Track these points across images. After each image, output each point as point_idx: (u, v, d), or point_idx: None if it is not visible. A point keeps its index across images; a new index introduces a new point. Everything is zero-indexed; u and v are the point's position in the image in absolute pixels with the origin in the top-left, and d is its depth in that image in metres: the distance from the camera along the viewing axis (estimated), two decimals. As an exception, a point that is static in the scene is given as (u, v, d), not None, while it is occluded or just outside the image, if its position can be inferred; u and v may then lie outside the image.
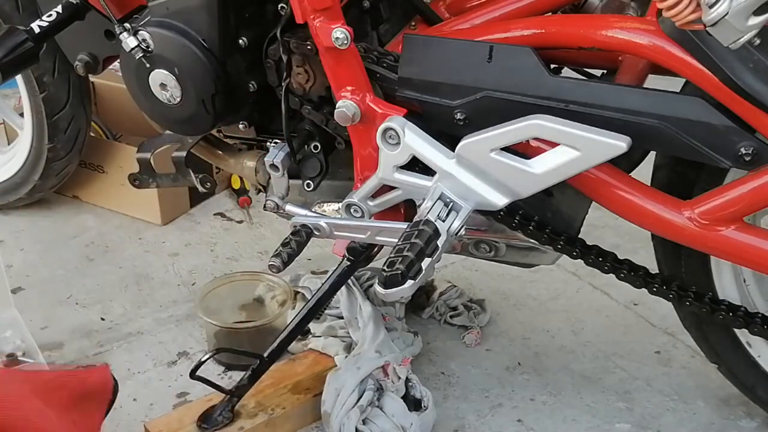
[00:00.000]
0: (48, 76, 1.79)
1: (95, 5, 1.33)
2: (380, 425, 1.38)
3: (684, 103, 1.03)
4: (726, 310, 1.22)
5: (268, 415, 1.40)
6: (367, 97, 1.13)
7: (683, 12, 0.90)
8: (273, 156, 1.20)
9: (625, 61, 1.20)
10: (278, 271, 1.21)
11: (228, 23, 1.18)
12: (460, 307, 1.72)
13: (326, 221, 1.21)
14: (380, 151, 1.13)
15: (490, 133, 1.07)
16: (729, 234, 1.09)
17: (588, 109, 1.05)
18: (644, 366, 1.60)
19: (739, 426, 1.46)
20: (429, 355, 1.63)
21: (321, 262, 1.85)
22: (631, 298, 1.76)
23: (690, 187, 1.18)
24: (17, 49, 1.32)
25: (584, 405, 1.51)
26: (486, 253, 1.33)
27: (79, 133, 1.92)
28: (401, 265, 1.01)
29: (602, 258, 1.22)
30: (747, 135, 1.01)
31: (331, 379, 1.43)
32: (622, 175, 1.13)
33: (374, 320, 1.54)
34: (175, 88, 1.22)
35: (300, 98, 1.19)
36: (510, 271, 1.75)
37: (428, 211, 1.11)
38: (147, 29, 1.20)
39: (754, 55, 0.96)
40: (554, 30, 1.14)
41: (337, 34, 1.05)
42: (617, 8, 1.23)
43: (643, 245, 1.48)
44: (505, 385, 1.56)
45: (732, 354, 1.35)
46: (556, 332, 1.70)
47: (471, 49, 1.11)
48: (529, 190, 1.09)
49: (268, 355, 1.36)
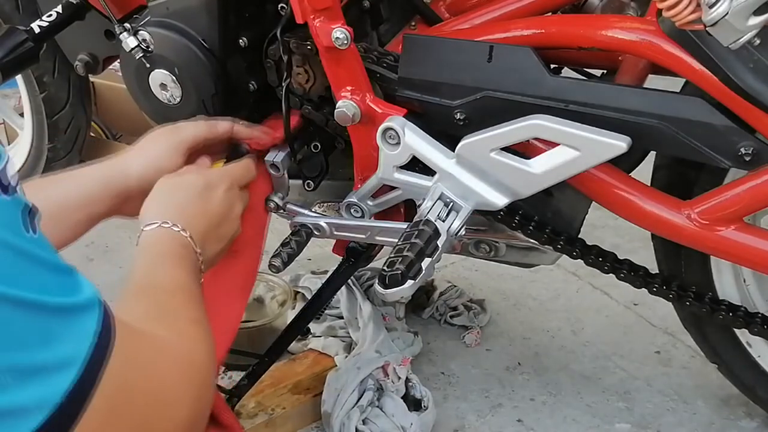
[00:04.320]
0: (48, 76, 1.79)
1: (95, 5, 1.33)
2: (380, 425, 1.38)
3: (684, 103, 1.03)
4: (726, 310, 1.22)
5: (268, 415, 1.40)
6: (367, 97, 1.13)
7: (683, 12, 0.90)
8: (273, 156, 1.19)
9: (625, 61, 1.20)
10: (278, 271, 1.21)
11: (228, 23, 1.18)
12: (460, 307, 1.72)
13: (326, 221, 1.21)
14: (380, 151, 1.13)
15: (490, 133, 1.07)
16: (729, 234, 1.09)
17: (588, 109, 1.05)
18: (644, 366, 1.60)
19: (739, 426, 1.46)
20: (429, 355, 1.63)
21: (321, 262, 1.85)
22: (631, 298, 1.76)
23: (690, 187, 1.17)
24: (17, 49, 1.32)
25: (584, 405, 1.51)
26: (486, 253, 1.33)
27: (79, 133, 1.91)
28: (401, 265, 1.01)
29: (602, 258, 1.22)
30: (747, 135, 1.01)
31: (331, 379, 1.44)
32: (622, 175, 1.13)
33: (374, 320, 1.54)
34: (175, 88, 1.22)
35: (300, 98, 1.19)
36: (510, 271, 1.75)
37: (428, 211, 1.11)
38: (147, 29, 1.20)
39: (754, 55, 0.96)
40: (554, 30, 1.14)
41: (337, 34, 1.05)
42: (617, 8, 1.23)
43: (643, 245, 1.48)
44: (505, 385, 1.56)
45: (732, 354, 1.35)
46: (556, 332, 1.70)
47: (471, 49, 1.11)
48: (529, 190, 1.09)
49: (268, 355, 1.36)
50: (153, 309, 0.74)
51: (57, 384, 0.52)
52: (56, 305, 0.53)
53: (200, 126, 1.07)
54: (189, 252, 0.89)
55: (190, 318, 0.76)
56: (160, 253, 0.86)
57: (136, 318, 0.66)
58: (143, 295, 0.77)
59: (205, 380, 0.70)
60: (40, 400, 0.51)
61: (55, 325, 0.53)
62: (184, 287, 0.81)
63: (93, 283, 0.58)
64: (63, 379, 0.53)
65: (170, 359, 0.66)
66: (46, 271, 0.54)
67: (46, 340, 0.52)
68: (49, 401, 0.52)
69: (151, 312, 0.73)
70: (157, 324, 0.70)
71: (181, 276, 0.83)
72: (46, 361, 0.52)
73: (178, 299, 0.78)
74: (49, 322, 0.53)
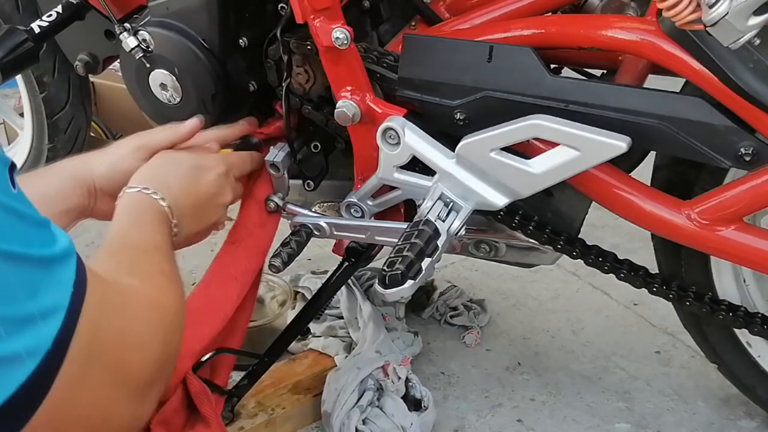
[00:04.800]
0: (48, 76, 1.79)
1: (95, 5, 1.33)
2: (380, 425, 1.38)
3: (684, 103, 1.03)
4: (726, 310, 1.22)
5: (268, 415, 1.40)
6: (367, 97, 1.13)
7: (683, 12, 0.90)
8: (273, 156, 1.19)
9: (625, 61, 1.20)
10: (278, 271, 1.21)
11: (228, 23, 1.18)
12: (460, 307, 1.72)
13: (326, 221, 1.21)
14: (380, 151, 1.13)
15: (490, 133, 1.07)
16: (729, 234, 1.09)
17: (588, 109, 1.05)
18: (644, 366, 1.60)
19: (739, 426, 1.46)
20: (429, 355, 1.63)
21: (321, 262, 1.85)
22: (631, 298, 1.76)
23: (690, 187, 1.17)
24: (17, 49, 1.32)
25: (584, 405, 1.51)
26: (486, 253, 1.33)
27: (79, 133, 1.91)
28: (401, 265, 1.01)
29: (602, 258, 1.22)
30: (747, 135, 1.01)
31: (331, 379, 1.44)
32: (622, 175, 1.13)
33: (374, 320, 1.54)
34: (175, 88, 1.22)
35: (300, 98, 1.19)
36: (510, 271, 1.75)
37: (428, 211, 1.11)
38: (147, 29, 1.20)
39: (754, 55, 0.96)
40: (554, 30, 1.14)
41: (337, 34, 1.05)
42: (617, 8, 1.23)
43: (643, 245, 1.48)
44: (505, 385, 1.56)
45: (732, 354, 1.35)
46: (556, 332, 1.70)
47: (471, 49, 1.11)
48: (529, 190, 1.09)
49: (268, 355, 1.36)
50: (126, 262, 0.79)
51: (46, 331, 0.55)
52: (39, 257, 0.56)
53: (166, 133, 1.09)
54: (165, 220, 0.93)
55: (161, 271, 0.80)
56: (138, 215, 0.91)
57: (109, 270, 0.70)
58: (117, 252, 0.81)
59: (173, 324, 0.75)
60: (32, 347, 0.54)
61: (40, 276, 0.56)
62: (157, 246, 0.86)
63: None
64: (51, 327, 0.56)
65: (139, 304, 0.70)
66: (29, 225, 0.56)
67: (33, 291, 0.55)
68: (41, 348, 0.55)
69: (123, 265, 0.78)
70: (129, 275, 0.74)
71: (155, 238, 0.87)
72: (34, 310, 0.55)
73: (151, 256, 0.83)
74: (35, 273, 0.55)
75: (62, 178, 1.01)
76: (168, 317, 0.74)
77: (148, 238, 0.87)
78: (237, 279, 1.14)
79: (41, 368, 0.55)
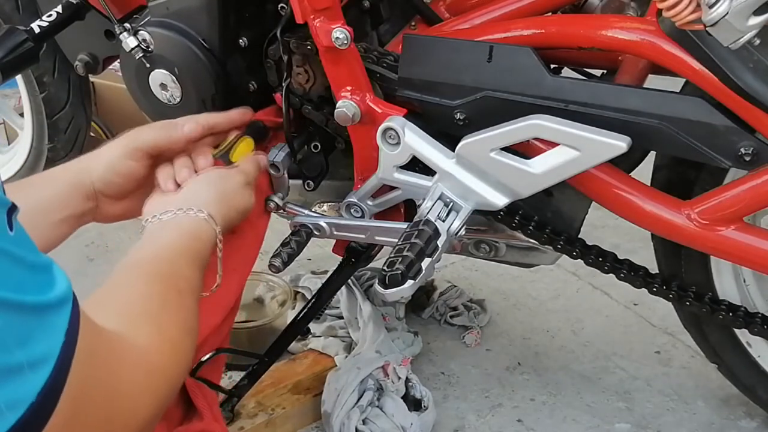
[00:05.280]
0: (48, 76, 1.79)
1: (95, 5, 1.33)
2: (380, 425, 1.38)
3: (684, 103, 1.03)
4: (726, 310, 1.22)
5: (268, 415, 1.40)
6: (367, 97, 1.13)
7: (683, 12, 0.90)
8: (273, 156, 1.19)
9: (625, 61, 1.20)
10: (278, 271, 1.21)
11: (228, 23, 1.18)
12: (460, 307, 1.72)
13: (326, 221, 1.21)
14: (380, 151, 1.13)
15: (490, 133, 1.07)
16: (729, 234, 1.09)
17: (588, 109, 1.05)
18: (644, 366, 1.60)
19: (739, 426, 1.46)
20: (429, 355, 1.63)
21: (321, 262, 1.85)
22: (631, 298, 1.76)
23: (690, 187, 1.18)
24: (17, 49, 1.32)
25: (584, 405, 1.51)
26: (486, 253, 1.33)
27: (79, 133, 1.91)
28: (401, 265, 1.01)
29: (602, 258, 1.22)
30: (747, 135, 1.01)
31: (331, 379, 1.44)
32: (622, 175, 1.13)
33: (374, 320, 1.54)
34: (175, 88, 1.22)
35: (300, 98, 1.19)
36: (510, 271, 1.75)
37: (428, 211, 1.11)
38: (147, 29, 1.20)
39: (754, 55, 0.96)
40: (554, 30, 1.14)
41: (337, 34, 1.05)
42: (617, 8, 1.23)
43: (643, 245, 1.48)
44: (505, 385, 1.56)
45: (732, 354, 1.35)
46: (556, 332, 1.70)
47: (471, 49, 1.11)
48: (529, 190, 1.09)
49: (268, 355, 1.36)
50: (157, 300, 0.76)
51: (31, 383, 0.52)
52: (33, 304, 0.53)
53: (159, 132, 1.07)
54: (213, 242, 0.92)
55: (183, 326, 0.77)
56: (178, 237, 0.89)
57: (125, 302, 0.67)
58: (156, 280, 0.78)
59: (170, 388, 0.71)
60: (15, 399, 0.51)
61: (31, 324, 0.53)
62: (193, 289, 0.83)
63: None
64: (38, 378, 0.53)
65: (129, 360, 0.66)
66: (25, 269, 0.53)
67: (23, 340, 0.52)
68: (25, 400, 0.52)
69: (154, 302, 0.75)
70: (150, 320, 0.71)
71: (194, 275, 0.85)
72: (22, 360, 0.52)
73: (183, 299, 0.79)
74: (27, 321, 0.52)
75: (59, 185, 0.99)
76: (167, 383, 0.70)
77: (191, 273, 0.84)
78: (236, 270, 1.14)
79: (23, 422, 0.51)
